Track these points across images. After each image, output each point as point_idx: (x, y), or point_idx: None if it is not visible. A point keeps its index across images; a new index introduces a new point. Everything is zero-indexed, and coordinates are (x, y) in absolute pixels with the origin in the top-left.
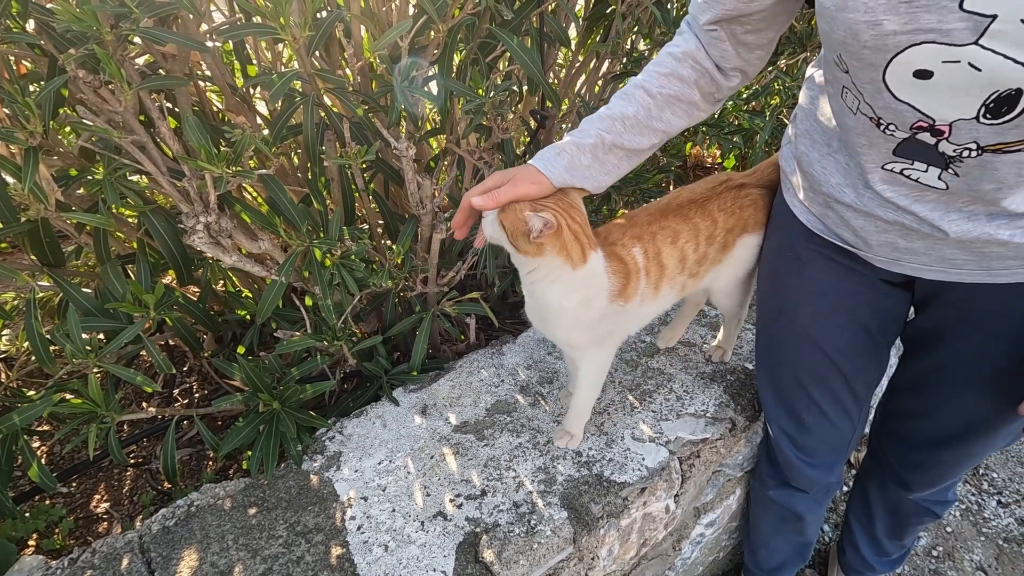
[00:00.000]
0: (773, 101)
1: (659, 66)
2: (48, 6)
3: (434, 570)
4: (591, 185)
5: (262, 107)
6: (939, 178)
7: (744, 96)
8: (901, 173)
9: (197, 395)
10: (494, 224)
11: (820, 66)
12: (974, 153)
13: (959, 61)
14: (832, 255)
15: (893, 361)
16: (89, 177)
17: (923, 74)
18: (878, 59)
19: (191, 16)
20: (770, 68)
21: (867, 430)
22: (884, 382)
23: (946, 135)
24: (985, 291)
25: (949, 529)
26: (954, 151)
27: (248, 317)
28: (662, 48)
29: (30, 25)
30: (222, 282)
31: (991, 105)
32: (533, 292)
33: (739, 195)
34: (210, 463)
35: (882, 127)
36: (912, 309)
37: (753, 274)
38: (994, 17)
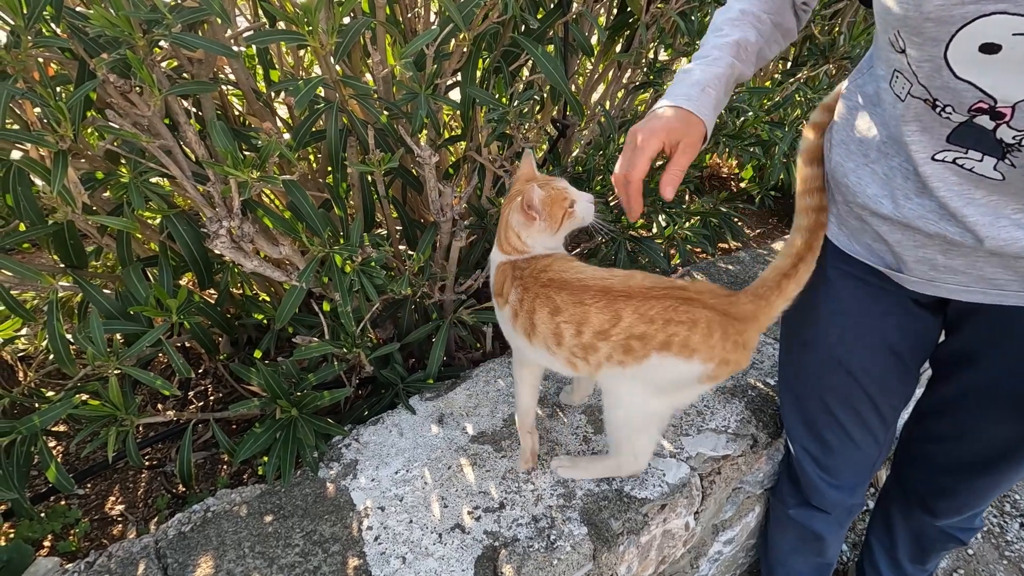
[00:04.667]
0: (794, 113)
1: None
2: (77, 9)
3: None
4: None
5: (282, 111)
6: (995, 168)
7: (765, 107)
8: (954, 162)
9: (212, 398)
10: (582, 208)
11: (861, 75)
12: None
13: None
14: (862, 275)
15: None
16: (115, 181)
17: (990, 48)
18: (941, 32)
19: (219, 21)
20: (791, 80)
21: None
22: (910, 404)
23: (1007, 118)
24: (1022, 313)
25: (971, 552)
26: (1013, 138)
27: (265, 321)
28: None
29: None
30: (240, 285)
31: None
32: None
33: (677, 308)
34: (224, 467)
35: (938, 110)
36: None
37: (662, 412)
38: None
